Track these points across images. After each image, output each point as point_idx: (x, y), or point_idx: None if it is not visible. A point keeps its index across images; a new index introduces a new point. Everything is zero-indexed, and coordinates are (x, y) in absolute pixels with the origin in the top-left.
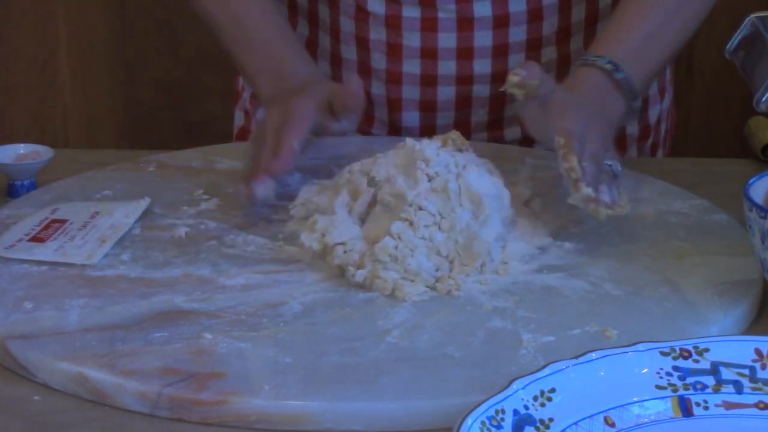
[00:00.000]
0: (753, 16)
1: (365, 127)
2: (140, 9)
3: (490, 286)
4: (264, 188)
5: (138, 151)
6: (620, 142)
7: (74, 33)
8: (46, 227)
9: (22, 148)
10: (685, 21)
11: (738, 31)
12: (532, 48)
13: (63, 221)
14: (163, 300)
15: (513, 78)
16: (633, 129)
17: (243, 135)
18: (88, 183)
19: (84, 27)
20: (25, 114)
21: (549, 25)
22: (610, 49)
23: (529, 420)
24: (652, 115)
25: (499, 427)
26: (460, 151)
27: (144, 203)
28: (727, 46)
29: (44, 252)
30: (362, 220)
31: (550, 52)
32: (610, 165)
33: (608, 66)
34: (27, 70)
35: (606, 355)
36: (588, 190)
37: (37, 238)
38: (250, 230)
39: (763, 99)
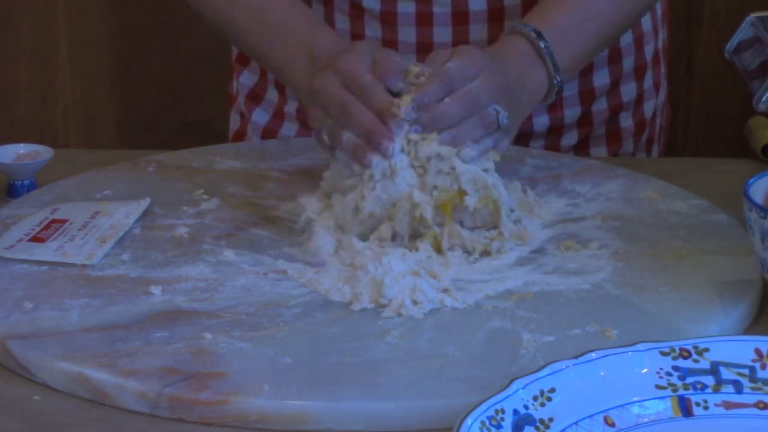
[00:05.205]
0: (753, 16)
1: None
2: (140, 9)
3: (491, 285)
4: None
5: (138, 151)
6: (616, 136)
7: (74, 33)
8: (46, 227)
9: (22, 148)
10: (626, 12)
11: (738, 31)
12: None
13: (63, 221)
14: (163, 300)
15: (414, 68)
16: (628, 123)
17: (238, 138)
18: (88, 183)
19: (84, 27)
20: (25, 114)
21: None
22: (538, 21)
23: (528, 420)
24: (648, 109)
25: (498, 426)
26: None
27: (144, 203)
28: (727, 46)
29: (44, 252)
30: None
31: None
32: (497, 111)
33: (532, 33)
34: (27, 69)
35: (606, 355)
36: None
37: (37, 238)
38: (250, 230)
39: (763, 99)
